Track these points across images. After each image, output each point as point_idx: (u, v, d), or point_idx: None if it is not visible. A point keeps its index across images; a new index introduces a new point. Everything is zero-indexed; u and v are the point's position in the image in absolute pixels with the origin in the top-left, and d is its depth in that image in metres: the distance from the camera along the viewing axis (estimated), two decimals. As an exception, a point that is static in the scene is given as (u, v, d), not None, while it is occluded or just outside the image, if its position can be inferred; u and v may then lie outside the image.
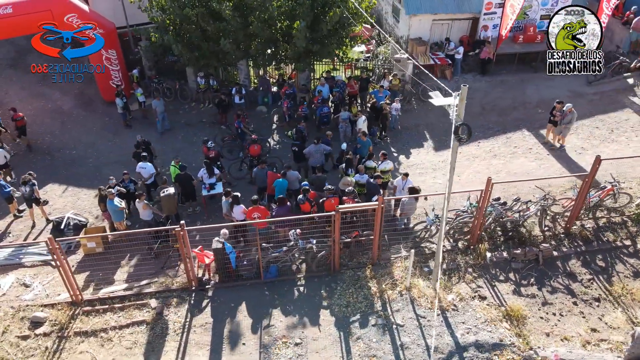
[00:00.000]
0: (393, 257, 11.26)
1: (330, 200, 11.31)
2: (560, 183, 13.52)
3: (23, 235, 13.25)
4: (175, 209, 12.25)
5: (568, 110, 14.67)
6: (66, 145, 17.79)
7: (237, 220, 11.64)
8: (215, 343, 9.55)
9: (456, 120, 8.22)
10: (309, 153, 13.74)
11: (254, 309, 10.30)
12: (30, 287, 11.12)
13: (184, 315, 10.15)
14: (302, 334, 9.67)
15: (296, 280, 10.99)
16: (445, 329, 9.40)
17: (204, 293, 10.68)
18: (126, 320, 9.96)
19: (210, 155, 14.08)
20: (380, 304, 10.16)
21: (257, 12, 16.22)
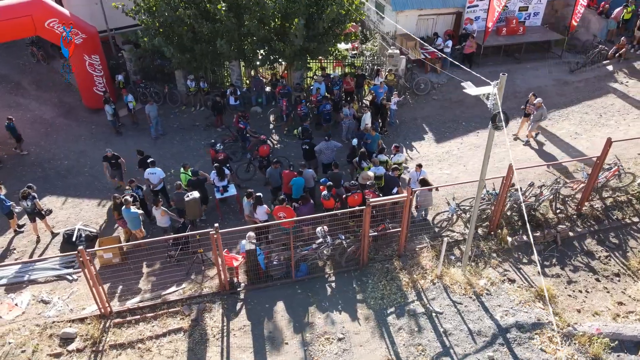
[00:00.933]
0: (418, 248, 11.44)
1: (354, 196, 11.38)
2: (561, 167, 14.08)
3: (28, 251, 12.69)
4: (200, 213, 12.02)
5: (537, 105, 14.86)
6: (56, 155, 17.12)
7: (260, 221, 11.54)
8: (257, 345, 9.46)
9: (494, 109, 8.42)
10: (319, 150, 13.75)
11: (289, 308, 10.26)
12: (50, 303, 10.66)
13: (220, 320, 10.00)
14: (343, 329, 9.71)
15: (326, 277, 11.02)
16: (484, 313, 9.65)
17: (236, 296, 10.54)
18: (162, 329, 9.72)
19: (219, 158, 13.87)
20: (415, 294, 10.32)
21: (252, 11, 16.08)
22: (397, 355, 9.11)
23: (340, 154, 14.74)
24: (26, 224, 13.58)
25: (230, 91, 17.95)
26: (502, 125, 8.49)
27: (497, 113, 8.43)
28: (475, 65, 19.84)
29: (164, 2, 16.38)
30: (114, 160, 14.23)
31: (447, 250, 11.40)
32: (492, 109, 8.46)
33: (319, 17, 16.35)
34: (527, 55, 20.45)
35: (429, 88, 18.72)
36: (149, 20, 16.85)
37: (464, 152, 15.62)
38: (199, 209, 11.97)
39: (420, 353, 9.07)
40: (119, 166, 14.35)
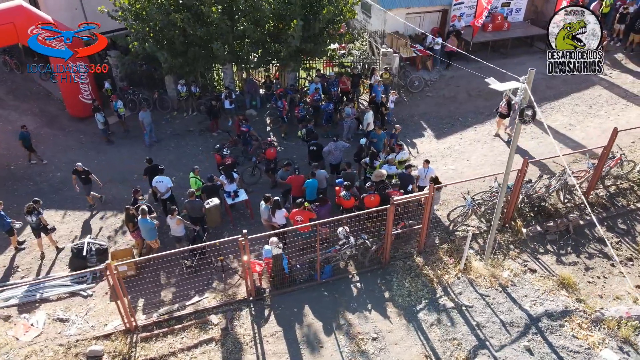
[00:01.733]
0: (438, 243, 11.57)
1: (370, 196, 11.40)
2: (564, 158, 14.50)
3: (34, 268, 12.16)
4: (220, 220, 11.79)
5: (516, 104, 14.74)
6: (46, 168, 16.50)
7: (279, 225, 11.43)
8: (292, 350, 9.37)
9: (522, 103, 8.59)
10: (328, 151, 13.72)
11: (318, 311, 10.20)
12: (68, 321, 10.26)
13: (250, 327, 9.85)
14: (375, 329, 9.72)
15: (350, 277, 11.00)
16: (512, 304, 9.85)
17: (262, 302, 10.41)
18: (192, 341, 9.50)
19: (226, 163, 13.66)
20: (441, 289, 10.43)
21: (247, 13, 15.92)
22: (434, 351, 9.19)
23: (346, 155, 14.73)
24: (26, 240, 13.05)
25: (225, 94, 17.70)
26: (530, 119, 8.66)
27: (525, 107, 8.59)
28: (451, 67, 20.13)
29: (154, 7, 16.00)
30: (84, 176, 13.73)
31: (459, 244, 11.61)
32: (519, 104, 8.60)
33: (314, 17, 16.32)
34: (512, 51, 20.97)
35: (423, 85, 18.96)
36: (140, 26, 16.41)
37: (465, 147, 15.88)
38: (220, 216, 11.75)
39: (457, 347, 9.18)
40: (89, 181, 13.92)
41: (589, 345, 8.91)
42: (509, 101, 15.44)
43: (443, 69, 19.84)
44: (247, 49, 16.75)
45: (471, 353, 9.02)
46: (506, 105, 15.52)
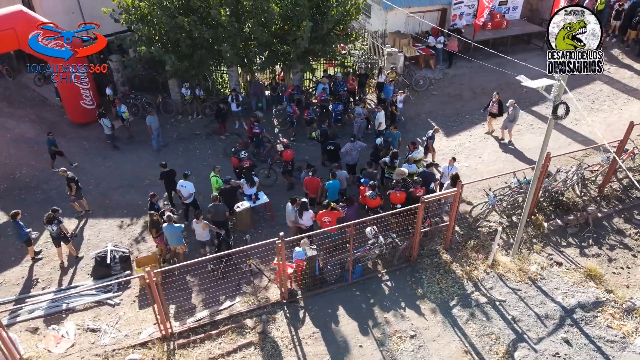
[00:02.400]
0: (463, 240, 11.71)
1: (396, 193, 11.49)
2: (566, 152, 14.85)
3: (54, 278, 11.92)
4: (252, 223, 11.71)
5: (511, 105, 15.21)
6: (53, 175, 16.16)
7: (306, 227, 11.44)
8: (332, 351, 9.39)
9: (555, 100, 8.77)
10: (346, 151, 13.77)
11: (352, 310, 10.24)
12: (100, 330, 10.09)
13: (287, 330, 9.83)
14: (412, 326, 9.80)
15: (380, 276, 11.07)
16: (545, 297, 10.04)
17: (296, 304, 10.40)
18: (231, 346, 9.45)
19: (245, 165, 13.60)
20: (472, 285, 10.57)
21: (255, 15, 15.87)
22: (473, 347, 9.31)
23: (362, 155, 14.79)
24: (42, 250, 12.79)
25: (232, 97, 17.59)
26: (563, 116, 8.83)
27: (559, 104, 8.76)
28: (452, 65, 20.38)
29: (160, 9, 15.84)
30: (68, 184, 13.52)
31: (490, 240, 11.78)
32: (553, 101, 8.78)
33: (322, 18, 16.35)
34: (511, 48, 21.30)
35: (427, 84, 19.14)
36: (146, 29, 16.21)
37: (475, 144, 16.10)
38: (251, 219, 11.67)
39: (495, 342, 9.32)
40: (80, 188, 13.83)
41: (623, 335, 9.14)
42: (499, 101, 15.54)
43: (446, 67, 20.07)
44: (254, 51, 16.71)
45: (510, 347, 9.16)
46: (497, 106, 15.60)
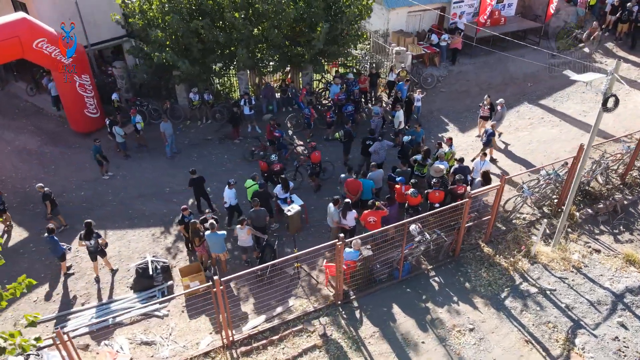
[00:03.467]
0: (498, 232, 11.99)
1: (435, 192, 11.67)
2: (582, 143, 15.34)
3: (92, 293, 11.59)
4: (301, 225, 11.64)
5: (500, 105, 15.44)
6: (66, 187, 15.71)
7: (349, 227, 11.49)
8: (396, 349, 9.47)
9: (606, 93, 9.09)
10: (374, 150, 13.88)
11: (406, 308, 10.35)
12: (155, 343, 9.89)
13: (347, 330, 9.86)
14: (469, 320, 9.99)
15: (427, 273, 11.22)
16: (592, 284, 10.39)
17: (350, 305, 10.44)
18: (296, 350, 9.42)
19: (275, 169, 13.53)
20: (519, 276, 10.84)
21: (270, 18, 15.80)
22: (532, 336, 9.56)
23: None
24: (72, 264, 12.42)
25: (245, 100, 17.45)
26: (613, 107, 9.17)
27: (609, 97, 9.09)
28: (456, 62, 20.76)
29: (174, 13, 15.59)
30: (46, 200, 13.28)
31: (527, 232, 12.09)
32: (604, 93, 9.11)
33: (336, 19, 16.41)
34: (505, 43, 21.81)
35: (435, 81, 19.44)
36: (160, 34, 15.91)
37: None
38: (301, 222, 11.61)
39: (553, 330, 9.59)
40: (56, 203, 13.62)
41: (674, 315, 9.56)
42: (491, 104, 15.76)
43: (450, 64, 20.42)
44: (268, 54, 16.63)
45: (570, 334, 9.46)
46: (488, 108, 15.80)
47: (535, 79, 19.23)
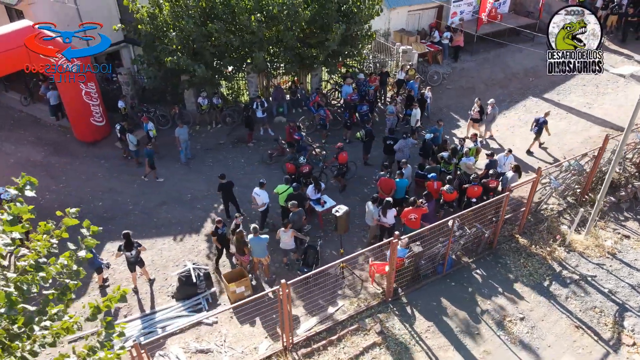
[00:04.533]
0: (534, 224, 12.36)
1: (474, 187, 11.95)
2: (597, 133, 15.97)
3: (133, 304, 11.36)
4: (348, 226, 11.69)
5: (491, 105, 15.80)
6: (82, 199, 15.31)
7: (389, 225, 11.64)
8: (454, 341, 9.68)
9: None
10: (399, 148, 14.07)
11: (455, 301, 10.57)
12: (212, 351, 9.80)
13: (401, 327, 10.01)
14: (517, 309, 10.28)
15: (468, 266, 11.47)
16: (630, 269, 10.85)
17: (400, 301, 10.59)
18: (356, 349, 9.51)
19: (304, 171, 13.57)
20: (557, 264, 11.22)
21: (284, 20, 15.80)
22: (581, 321, 9.92)
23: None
24: (107, 276, 12.16)
25: (257, 103, 17.39)
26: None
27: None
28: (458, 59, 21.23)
29: (188, 17, 15.43)
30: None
31: (556, 222, 12.50)
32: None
33: (349, 20, 16.54)
34: (502, 40, 22.41)
35: (441, 79, 19.81)
36: (175, 38, 15.70)
37: (503, 133, 16.90)
38: (348, 224, 11.66)
39: (600, 314, 9.98)
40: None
41: None
42: (481, 106, 16.02)
43: (452, 62, 20.83)
44: (282, 56, 16.63)
45: (617, 317, 9.85)
46: (478, 111, 16.05)
47: (536, 73, 19.80)
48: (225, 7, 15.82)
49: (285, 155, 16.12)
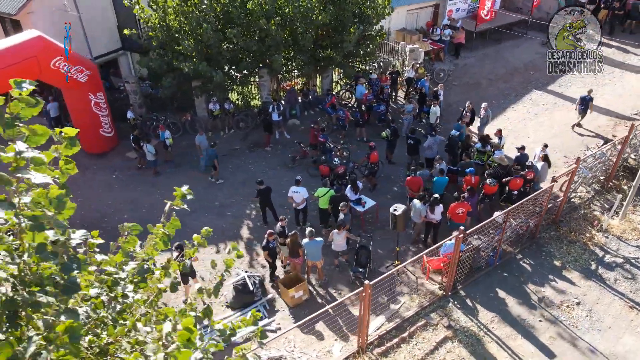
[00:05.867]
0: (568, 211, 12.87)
1: (516, 180, 12.33)
2: (605, 123, 16.74)
3: (185, 316, 11.14)
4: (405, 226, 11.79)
5: (483, 108, 16.07)
6: (104, 213, 14.89)
7: (436, 221, 11.87)
8: (519, 330, 9.98)
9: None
10: (428, 146, 14.34)
11: (511, 291, 10.90)
12: (284, 357, 9.74)
13: (466, 319, 10.24)
14: (572, 294, 10.70)
15: (515, 256, 11.84)
16: (670, 249, 11.46)
17: (458, 295, 10.83)
18: (429, 344, 9.68)
19: (339, 172, 13.63)
20: (599, 249, 11.74)
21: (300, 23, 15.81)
22: (634, 301, 10.43)
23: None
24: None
25: (274, 107, 17.31)
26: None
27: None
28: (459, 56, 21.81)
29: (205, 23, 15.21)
30: None
31: (588, 209, 13.04)
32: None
33: (362, 20, 16.71)
34: (498, 36, 23.15)
35: (446, 76, 20.24)
36: (192, 45, 15.44)
37: (515, 126, 17.45)
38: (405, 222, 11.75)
39: (650, 293, 10.51)
40: None
41: None
42: (472, 110, 16.18)
43: (453, 59, 21.33)
44: (299, 58, 16.64)
45: (667, 295, 10.41)
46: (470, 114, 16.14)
47: (535, 67, 20.53)
48: (241, 12, 15.67)
49: (307, 157, 16.15)
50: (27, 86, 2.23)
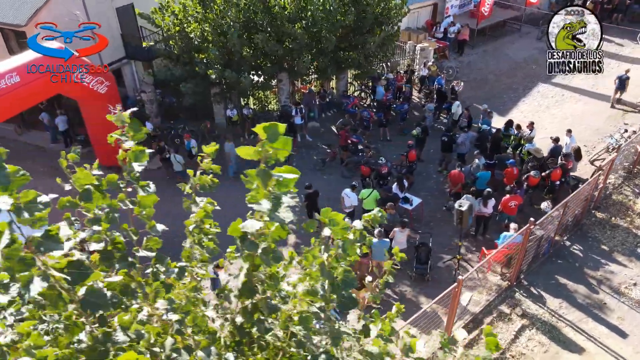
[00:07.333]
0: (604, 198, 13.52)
1: (556, 170, 12.85)
2: (615, 112, 17.61)
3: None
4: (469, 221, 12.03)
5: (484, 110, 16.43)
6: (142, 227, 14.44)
7: (488, 215, 12.24)
8: (588, 313, 10.46)
9: None
10: (462, 142, 14.73)
11: (570, 277, 11.38)
12: (370, 358, 9.85)
13: (537, 307, 10.64)
14: (627, 276, 11.29)
15: (563, 243, 12.35)
16: None
17: (522, 284, 11.21)
18: (509, 334, 10.02)
19: (383, 172, 13.81)
20: (641, 232, 12.41)
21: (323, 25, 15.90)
22: (686, 278, 11.10)
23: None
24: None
25: (297, 110, 17.32)
26: None
27: None
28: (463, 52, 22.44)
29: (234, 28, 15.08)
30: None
31: (618, 194, 13.73)
32: None
33: (385, 21, 16.96)
34: (495, 32, 23.93)
35: (455, 73, 20.76)
36: (217, 50, 15.27)
37: (530, 118, 17.94)
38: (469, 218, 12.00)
39: (699, 269, 11.21)
40: None
41: None
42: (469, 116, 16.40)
43: (457, 56, 21.89)
44: (321, 61, 16.71)
45: None
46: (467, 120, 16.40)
47: (536, 61, 21.33)
48: (265, 17, 15.60)
49: (335, 159, 16.28)
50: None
